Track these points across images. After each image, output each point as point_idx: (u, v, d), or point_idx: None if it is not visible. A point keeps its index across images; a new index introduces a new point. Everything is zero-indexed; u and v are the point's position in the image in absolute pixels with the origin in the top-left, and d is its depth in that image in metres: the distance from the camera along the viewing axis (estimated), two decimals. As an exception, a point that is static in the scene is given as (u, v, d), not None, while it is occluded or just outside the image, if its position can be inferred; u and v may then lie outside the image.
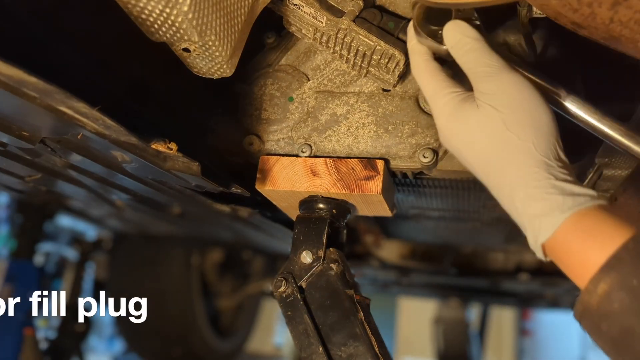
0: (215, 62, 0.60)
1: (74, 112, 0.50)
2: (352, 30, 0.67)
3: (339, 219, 0.76)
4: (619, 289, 0.42)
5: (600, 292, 0.43)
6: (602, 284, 0.43)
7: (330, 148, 0.74)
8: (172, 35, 0.55)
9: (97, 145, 0.61)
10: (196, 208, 1.10)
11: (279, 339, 4.30)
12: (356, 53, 0.69)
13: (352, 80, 0.75)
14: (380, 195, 0.71)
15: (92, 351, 3.30)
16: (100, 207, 1.22)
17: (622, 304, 0.42)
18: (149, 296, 1.96)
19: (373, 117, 0.73)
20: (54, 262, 2.76)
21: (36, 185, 0.87)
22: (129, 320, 2.04)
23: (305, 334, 0.66)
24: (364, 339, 0.65)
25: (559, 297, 2.20)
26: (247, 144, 0.76)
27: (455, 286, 2.28)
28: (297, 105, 0.77)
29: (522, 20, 0.63)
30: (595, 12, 0.45)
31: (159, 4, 0.50)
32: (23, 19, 0.63)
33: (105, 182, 0.81)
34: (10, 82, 0.43)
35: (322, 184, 0.72)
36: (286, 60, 0.78)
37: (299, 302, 0.68)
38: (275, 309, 3.77)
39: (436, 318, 2.74)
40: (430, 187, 0.94)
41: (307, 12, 0.68)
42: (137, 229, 1.72)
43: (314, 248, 0.71)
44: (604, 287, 0.43)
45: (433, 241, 1.86)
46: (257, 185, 0.74)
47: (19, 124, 0.55)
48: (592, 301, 0.44)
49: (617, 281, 0.43)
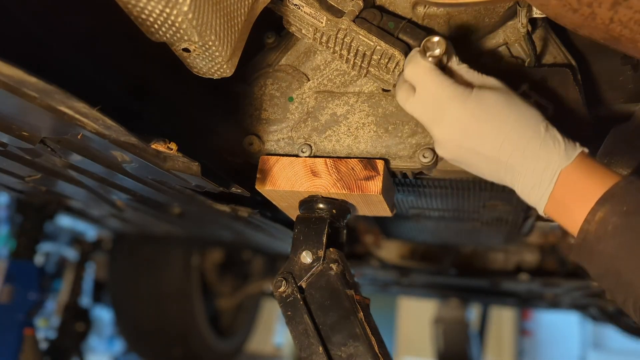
0: (215, 62, 0.60)
1: (74, 112, 0.50)
2: (352, 30, 0.67)
3: (338, 219, 0.76)
4: (612, 215, 0.52)
5: (597, 219, 0.52)
6: (599, 213, 0.52)
7: (330, 148, 0.74)
8: (172, 35, 0.55)
9: (97, 145, 0.61)
10: (196, 208, 1.10)
11: (279, 339, 4.30)
12: (356, 53, 0.69)
13: (352, 80, 0.75)
14: (380, 195, 0.70)
15: (92, 351, 3.30)
16: (100, 207, 1.22)
17: (614, 225, 0.51)
18: (149, 296, 1.97)
19: (373, 117, 0.73)
20: (54, 262, 2.77)
21: (36, 185, 0.87)
22: (129, 320, 2.05)
23: (305, 334, 0.66)
24: (364, 339, 0.65)
25: (559, 297, 2.19)
26: (247, 144, 0.76)
27: (455, 286, 2.27)
28: (297, 105, 0.77)
29: (521, 20, 0.63)
30: (595, 12, 0.45)
31: (159, 4, 0.50)
32: (23, 19, 0.63)
33: (105, 182, 0.81)
34: (10, 82, 0.43)
35: (322, 184, 0.72)
36: (286, 60, 0.78)
37: (299, 302, 0.68)
38: (275, 309, 3.77)
39: (436, 318, 2.74)
40: (430, 187, 0.94)
41: (307, 12, 0.68)
42: (137, 229, 1.72)
43: (314, 248, 0.71)
44: (601, 214, 0.52)
45: (433, 241, 1.86)
46: (257, 185, 0.74)
47: (19, 124, 0.55)
48: (591, 228, 0.53)
49: (611, 209, 0.52)
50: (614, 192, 0.52)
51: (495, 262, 1.94)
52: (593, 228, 0.53)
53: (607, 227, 0.52)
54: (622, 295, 0.52)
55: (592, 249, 0.53)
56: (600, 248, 0.52)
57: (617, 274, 0.51)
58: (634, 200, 0.51)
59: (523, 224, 1.17)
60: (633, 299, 0.50)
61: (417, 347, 3.97)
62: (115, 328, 2.89)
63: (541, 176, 0.56)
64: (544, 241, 1.66)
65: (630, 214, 0.50)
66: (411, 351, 4.08)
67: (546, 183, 0.56)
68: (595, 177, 0.55)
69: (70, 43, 0.69)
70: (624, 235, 0.51)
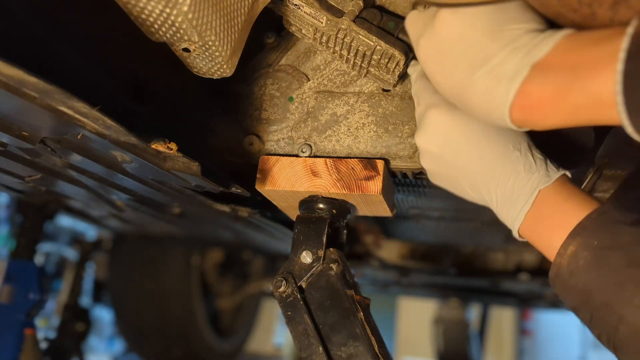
0: (215, 62, 0.60)
1: (74, 112, 0.50)
2: (352, 30, 0.67)
3: (339, 219, 0.76)
4: (583, 250, 0.50)
5: (569, 253, 0.51)
6: (571, 246, 0.51)
7: (330, 148, 0.74)
8: (172, 35, 0.55)
9: (97, 145, 0.61)
10: (196, 208, 1.10)
11: (279, 339, 4.30)
12: (356, 53, 0.69)
13: (352, 80, 0.75)
14: (380, 195, 0.70)
15: (92, 351, 3.30)
16: (100, 207, 1.22)
17: (586, 260, 0.50)
18: (149, 296, 1.97)
19: (373, 117, 0.73)
20: (54, 262, 2.77)
21: (36, 185, 0.87)
22: (129, 320, 2.05)
23: (305, 334, 0.66)
24: (364, 339, 0.65)
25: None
26: (247, 144, 0.76)
27: (455, 286, 2.28)
28: (297, 105, 0.77)
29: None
30: (595, 12, 0.45)
31: (159, 4, 0.50)
32: (23, 19, 0.63)
33: (105, 182, 0.81)
34: (10, 82, 0.43)
35: (322, 184, 0.72)
36: (286, 60, 0.78)
37: (299, 302, 0.68)
38: (275, 309, 3.77)
39: (436, 318, 2.74)
40: (430, 187, 0.94)
41: (307, 12, 0.68)
42: (137, 229, 1.71)
43: (314, 248, 0.71)
44: (572, 248, 0.51)
45: (433, 241, 1.86)
46: (257, 185, 0.74)
47: (19, 124, 0.55)
48: (563, 262, 0.52)
49: (582, 243, 0.51)
50: (585, 225, 0.51)
51: (495, 262, 1.94)
52: (565, 262, 0.52)
53: (579, 262, 0.51)
54: (597, 329, 0.51)
55: (565, 283, 0.52)
56: (573, 283, 0.51)
57: (591, 309, 0.51)
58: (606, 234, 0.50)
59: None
60: (606, 335, 0.50)
61: (417, 347, 3.97)
62: (115, 328, 2.89)
63: (519, 193, 0.55)
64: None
65: (601, 248, 0.50)
66: (411, 351, 4.08)
67: (523, 201, 0.55)
68: (572, 202, 0.53)
69: (70, 43, 0.69)
70: (595, 271, 0.50)
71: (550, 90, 0.44)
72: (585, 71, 0.42)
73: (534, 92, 0.45)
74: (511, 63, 0.46)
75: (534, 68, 0.45)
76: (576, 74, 0.43)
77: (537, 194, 0.54)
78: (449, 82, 0.53)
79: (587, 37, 0.44)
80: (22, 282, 1.30)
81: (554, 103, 0.44)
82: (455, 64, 0.51)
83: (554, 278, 0.54)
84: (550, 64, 0.45)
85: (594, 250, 0.50)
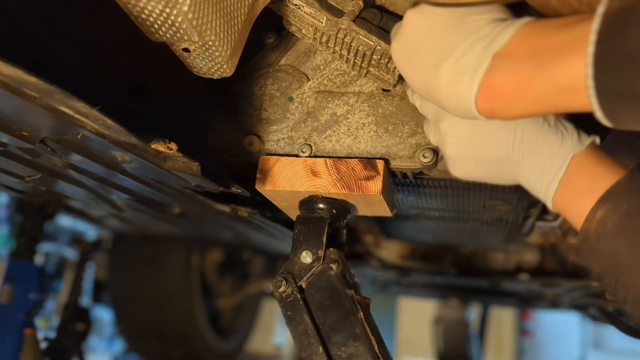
0: (215, 62, 0.60)
1: (74, 112, 0.50)
2: (352, 30, 0.67)
3: (339, 219, 0.76)
4: (611, 214, 0.50)
5: (598, 218, 0.51)
6: (599, 211, 0.51)
7: (330, 148, 0.74)
8: (172, 35, 0.55)
9: (97, 145, 0.61)
10: (196, 208, 1.10)
11: (279, 339, 4.30)
12: (356, 53, 0.69)
13: (352, 80, 0.75)
14: (380, 195, 0.70)
15: (92, 351, 3.30)
16: (100, 207, 1.22)
17: (614, 224, 0.50)
18: (149, 296, 1.97)
19: (373, 117, 0.73)
20: (54, 262, 2.77)
21: (36, 185, 0.87)
22: (129, 320, 2.05)
23: (305, 334, 0.66)
24: (364, 339, 0.65)
25: (559, 297, 2.19)
26: (247, 144, 0.76)
27: (455, 286, 2.27)
28: (297, 105, 0.77)
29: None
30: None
31: (159, 4, 0.50)
32: (23, 19, 0.63)
33: (105, 182, 0.81)
34: (10, 82, 0.43)
35: (322, 184, 0.72)
36: (286, 60, 0.78)
37: (299, 302, 0.68)
38: (275, 309, 3.77)
39: (436, 318, 2.74)
40: (430, 187, 0.94)
41: (307, 12, 0.68)
42: (137, 229, 1.71)
43: (314, 248, 0.71)
44: (601, 213, 0.51)
45: (433, 241, 1.86)
46: (257, 185, 0.74)
47: (19, 124, 0.55)
48: (592, 226, 0.51)
49: (611, 208, 0.50)
50: (615, 190, 0.51)
51: (495, 262, 1.94)
52: (593, 227, 0.52)
53: (607, 226, 0.51)
54: (623, 291, 0.52)
55: (592, 248, 0.52)
56: (600, 247, 0.52)
57: (617, 272, 0.51)
58: (635, 199, 0.50)
59: (523, 223, 1.17)
60: (632, 297, 0.50)
61: (417, 347, 3.97)
62: (115, 328, 2.89)
63: (553, 160, 0.54)
64: (544, 241, 1.65)
65: (630, 213, 0.50)
66: (411, 351, 4.08)
67: (557, 167, 0.54)
68: (602, 167, 0.53)
69: (70, 43, 0.69)
70: (623, 235, 0.50)
71: (513, 79, 0.44)
72: (549, 57, 0.42)
73: (496, 82, 0.45)
74: (473, 54, 0.46)
75: (495, 57, 0.45)
76: (539, 60, 0.42)
77: (571, 159, 0.53)
78: (417, 78, 0.53)
79: (550, 23, 0.44)
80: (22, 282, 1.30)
81: (518, 92, 0.44)
82: (422, 60, 0.51)
83: (581, 243, 0.53)
84: (512, 52, 0.44)
85: (622, 215, 0.50)
